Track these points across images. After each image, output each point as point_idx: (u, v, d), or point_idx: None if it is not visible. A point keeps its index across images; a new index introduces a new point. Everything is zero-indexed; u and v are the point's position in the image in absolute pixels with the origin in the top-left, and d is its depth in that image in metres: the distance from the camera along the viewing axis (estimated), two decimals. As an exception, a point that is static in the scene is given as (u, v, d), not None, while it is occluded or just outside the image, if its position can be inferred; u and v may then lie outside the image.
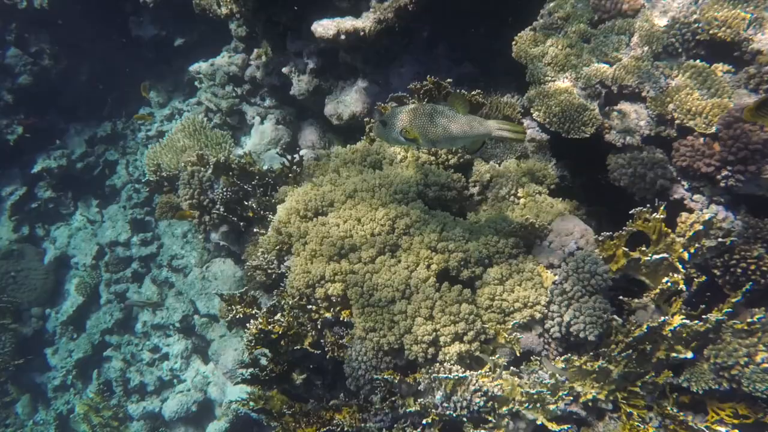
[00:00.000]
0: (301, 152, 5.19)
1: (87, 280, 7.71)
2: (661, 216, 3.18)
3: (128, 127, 9.26)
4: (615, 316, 3.23)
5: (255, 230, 3.97)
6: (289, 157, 4.74)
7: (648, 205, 3.16)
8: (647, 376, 3.14)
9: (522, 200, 3.92)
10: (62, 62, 8.84)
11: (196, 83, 7.28)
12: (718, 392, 3.12)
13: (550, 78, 3.72)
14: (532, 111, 3.61)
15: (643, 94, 3.44)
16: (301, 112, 5.94)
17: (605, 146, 3.46)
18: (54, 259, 8.07)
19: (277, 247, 3.59)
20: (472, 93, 4.46)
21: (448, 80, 4.58)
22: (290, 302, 3.30)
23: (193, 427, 6.20)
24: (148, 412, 6.47)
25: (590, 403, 3.18)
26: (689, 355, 3.11)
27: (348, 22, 4.29)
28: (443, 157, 4.16)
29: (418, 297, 3.13)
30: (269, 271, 3.62)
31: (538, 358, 3.27)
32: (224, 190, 4.13)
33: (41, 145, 8.67)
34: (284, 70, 5.39)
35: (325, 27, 4.27)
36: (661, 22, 3.82)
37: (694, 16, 3.53)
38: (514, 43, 4.27)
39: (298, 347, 3.29)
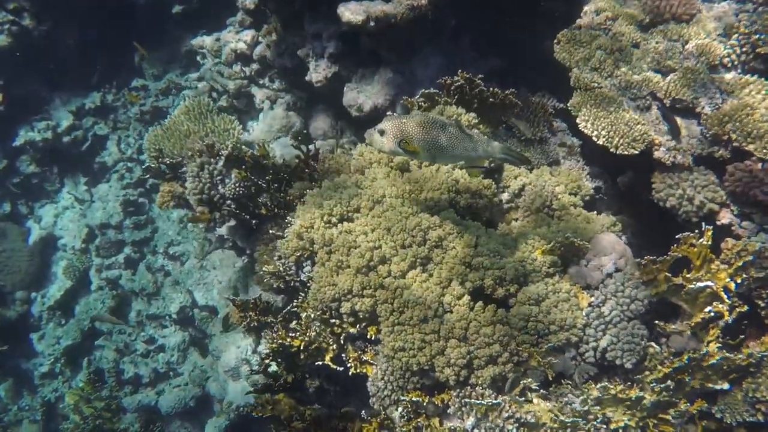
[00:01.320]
0: (317, 144, 5.00)
1: (76, 264, 7.50)
2: (708, 242, 3.12)
3: (119, 99, 8.89)
4: (652, 344, 3.20)
5: (270, 231, 3.82)
6: (304, 148, 4.56)
7: (696, 231, 3.09)
8: (682, 405, 3.12)
9: (557, 213, 3.83)
10: (46, 23, 8.35)
11: (198, 58, 6.96)
12: (748, 423, 3.13)
13: (596, 85, 3.57)
14: (578, 121, 3.48)
15: (698, 110, 3.33)
16: (313, 98, 5.72)
17: (652, 163, 3.35)
18: (39, 240, 7.83)
19: (297, 253, 3.46)
20: (506, 93, 4.31)
21: (480, 76, 4.41)
22: (312, 315, 3.19)
23: (191, 422, 6.17)
24: (144, 405, 6.40)
25: (621, 430, 3.17)
26: (726, 386, 3.11)
27: (378, 6, 4.06)
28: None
29: (451, 317, 3.05)
30: (287, 278, 3.50)
31: (569, 382, 3.24)
32: (236, 185, 3.96)
33: (22, 115, 8.27)
34: (300, 53, 5.14)
35: (353, 11, 4.04)
36: (717, 29, 3.68)
37: (755, 26, 3.40)
38: (555, 42, 4.10)
39: (320, 363, 3.20)
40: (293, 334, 3.11)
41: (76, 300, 7.80)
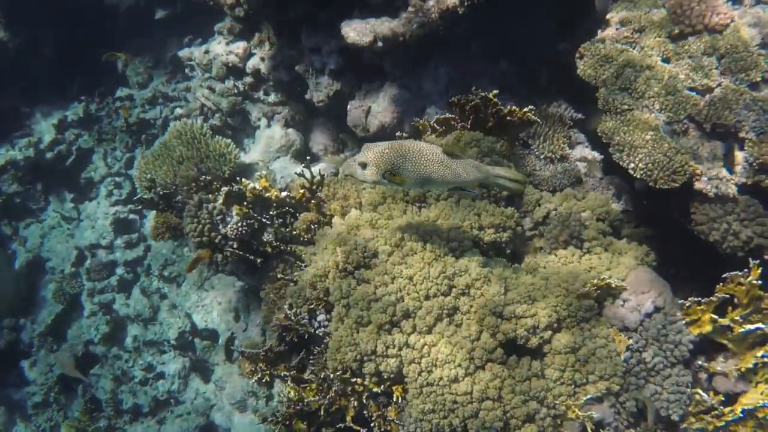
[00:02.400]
0: (320, 166, 4.71)
1: (67, 289, 7.18)
2: (757, 279, 2.91)
3: (103, 109, 8.46)
4: (699, 391, 3.02)
5: (279, 276, 3.57)
6: (308, 174, 4.27)
7: (745, 270, 2.88)
8: (731, 456, 2.95)
9: (587, 244, 3.61)
10: (21, 34, 7.89)
11: (186, 70, 6.56)
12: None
13: (627, 107, 3.31)
14: (611, 151, 3.23)
15: (741, 134, 3.08)
16: (312, 110, 5.40)
17: (692, 193, 3.12)
18: (26, 263, 7.49)
19: (311, 305, 3.21)
20: (525, 110, 4.04)
21: (495, 92, 4.13)
22: (332, 376, 2.96)
23: (196, 454, 5.99)
24: (146, 438, 6.20)
25: (665, 483, 3.00)
26: (778, 433, 2.93)
27: (385, 25, 3.74)
28: (495, 189, 3.77)
29: (485, 376, 2.83)
30: (300, 329, 3.25)
31: (609, 430, 3.05)
32: (239, 225, 3.68)
33: (2, 132, 7.86)
34: (298, 68, 4.80)
35: (359, 31, 3.72)
36: (754, 39, 3.41)
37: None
38: (578, 57, 3.83)
39: (341, 426, 2.98)
40: (313, 398, 2.88)
41: (69, 324, 7.51)
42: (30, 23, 8.04)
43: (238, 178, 3.92)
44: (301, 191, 4.20)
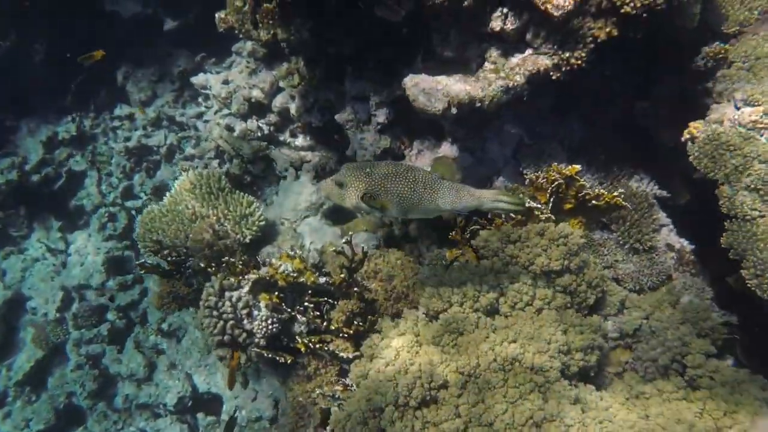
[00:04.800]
0: (358, 237, 4.26)
1: (51, 337, 6.72)
2: None
3: (98, 125, 8.01)
4: None
5: (317, 391, 3.13)
6: (348, 251, 3.83)
7: None
8: None
9: (690, 372, 3.17)
10: (8, 38, 7.43)
11: (200, 99, 6.11)
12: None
13: (758, 213, 2.86)
14: (745, 274, 2.78)
15: None
16: (345, 157, 4.95)
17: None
18: (4, 302, 7.03)
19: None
20: (614, 195, 3.62)
21: (576, 167, 3.71)
22: None
23: None
24: None
25: None
26: None
27: (459, 87, 3.30)
28: (581, 295, 3.34)
29: None
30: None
31: None
32: (268, 322, 3.23)
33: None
34: (338, 118, 4.36)
35: (429, 95, 3.28)
36: None
37: None
38: (688, 138, 3.39)
39: None
40: None
41: (49, 371, 7.05)
42: (18, 25, 7.60)
43: (262, 261, 3.48)
44: (342, 276, 3.76)
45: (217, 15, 4.75)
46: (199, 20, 7.14)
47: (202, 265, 3.73)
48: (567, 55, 3.23)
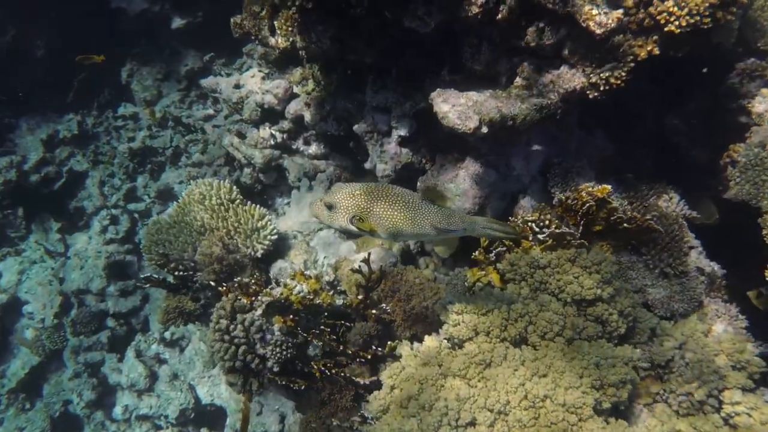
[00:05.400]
0: (375, 253, 4.14)
1: (47, 344, 6.59)
2: None
3: (101, 124, 7.87)
4: None
5: (335, 423, 3.00)
6: (365, 268, 3.71)
7: None
8: None
9: (728, 407, 3.06)
10: (8, 32, 7.29)
11: (209, 102, 5.98)
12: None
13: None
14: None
15: None
16: (359, 163, 4.83)
17: None
18: None
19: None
20: (646, 218, 3.50)
21: (607, 188, 3.60)
22: None
23: None
24: None
25: None
26: None
27: (490, 103, 3.18)
28: (612, 324, 3.22)
29: None
30: None
31: None
32: (282, 347, 3.11)
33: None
34: (357, 128, 4.23)
35: (459, 113, 3.16)
36: None
37: None
38: (728, 161, 3.27)
39: None
40: None
41: (45, 377, 6.92)
42: (19, 19, 7.44)
43: (274, 278, 3.35)
44: (359, 298, 3.64)
45: (232, 20, 4.62)
46: (208, 19, 7.02)
47: (213, 283, 3.60)
48: (607, 74, 3.11)
